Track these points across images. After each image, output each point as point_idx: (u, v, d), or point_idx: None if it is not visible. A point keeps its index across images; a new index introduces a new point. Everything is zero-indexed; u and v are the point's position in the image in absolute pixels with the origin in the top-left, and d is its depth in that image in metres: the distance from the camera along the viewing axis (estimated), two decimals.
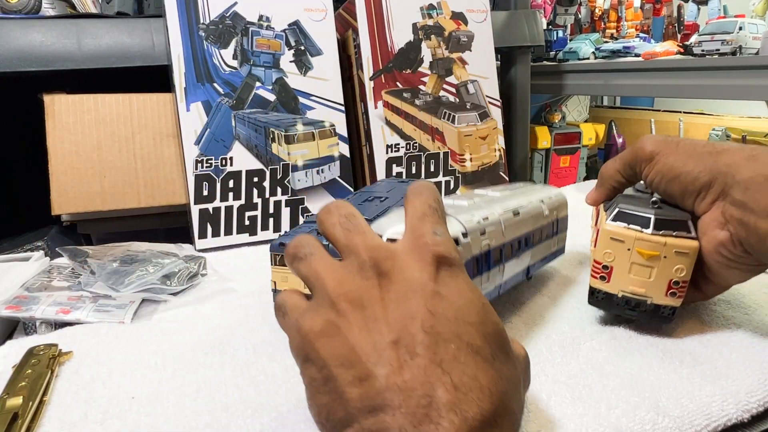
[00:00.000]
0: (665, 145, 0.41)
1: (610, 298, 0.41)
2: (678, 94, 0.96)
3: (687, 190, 0.39)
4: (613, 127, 1.47)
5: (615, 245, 0.40)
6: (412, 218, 0.29)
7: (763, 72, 0.79)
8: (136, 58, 0.72)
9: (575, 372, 0.37)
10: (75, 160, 0.68)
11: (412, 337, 0.24)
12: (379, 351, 0.23)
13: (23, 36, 0.67)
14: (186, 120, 0.70)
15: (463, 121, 0.84)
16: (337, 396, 0.23)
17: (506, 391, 0.24)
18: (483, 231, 0.36)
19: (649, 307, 0.40)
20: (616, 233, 0.39)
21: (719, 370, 0.36)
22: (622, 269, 0.40)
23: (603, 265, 0.40)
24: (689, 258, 0.38)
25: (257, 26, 0.74)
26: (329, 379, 0.24)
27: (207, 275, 0.57)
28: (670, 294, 0.39)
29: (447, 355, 0.23)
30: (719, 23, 0.89)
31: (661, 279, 0.39)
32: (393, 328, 0.24)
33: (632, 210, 0.40)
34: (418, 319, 0.24)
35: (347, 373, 0.23)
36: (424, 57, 0.83)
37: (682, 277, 0.38)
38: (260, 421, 0.33)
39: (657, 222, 0.38)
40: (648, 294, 0.39)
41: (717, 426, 0.32)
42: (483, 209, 0.38)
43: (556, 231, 0.51)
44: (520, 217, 0.42)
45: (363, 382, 0.23)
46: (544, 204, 0.47)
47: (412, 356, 0.23)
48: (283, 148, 0.74)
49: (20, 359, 0.39)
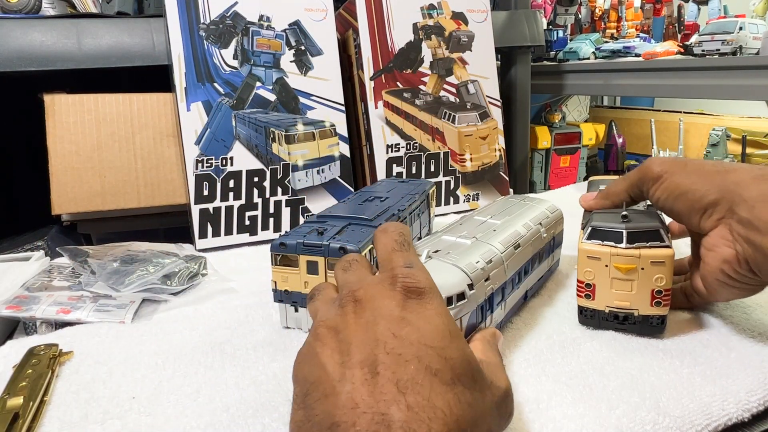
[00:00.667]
0: (673, 164, 0.41)
1: (598, 315, 0.42)
2: (678, 94, 0.96)
3: (693, 207, 0.39)
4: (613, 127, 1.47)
5: (593, 263, 0.40)
6: (382, 254, 0.32)
7: (763, 72, 0.79)
8: (136, 57, 0.72)
9: (576, 372, 0.37)
10: (75, 160, 0.68)
11: (375, 357, 0.25)
12: (345, 370, 0.25)
13: (23, 36, 0.67)
14: (186, 120, 0.70)
15: (464, 121, 0.84)
16: (308, 412, 0.24)
17: (464, 416, 0.24)
18: (487, 277, 0.37)
19: (638, 319, 0.40)
20: (592, 252, 0.40)
21: (719, 369, 0.36)
22: (604, 285, 0.41)
23: (586, 284, 0.41)
24: (666, 266, 0.39)
25: (257, 26, 0.74)
26: (305, 396, 0.25)
27: (207, 275, 0.57)
28: (655, 304, 0.40)
29: (405, 375, 0.24)
30: (719, 23, 0.88)
31: (643, 290, 0.39)
32: (361, 350, 0.25)
33: (605, 226, 0.40)
34: (382, 341, 0.25)
35: (317, 390, 0.25)
36: (425, 57, 0.83)
37: (664, 286, 0.39)
38: (261, 421, 0.33)
39: (629, 235, 0.39)
40: (633, 306, 0.40)
41: (717, 425, 0.32)
42: (484, 247, 0.39)
43: (551, 249, 0.51)
44: (521, 249, 0.43)
45: (328, 398, 0.24)
46: (542, 226, 0.47)
47: (373, 375, 0.24)
48: (283, 148, 0.74)
49: (21, 359, 0.39)
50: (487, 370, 0.28)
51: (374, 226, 0.46)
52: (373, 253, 0.44)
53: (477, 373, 0.26)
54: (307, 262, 0.42)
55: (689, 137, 1.43)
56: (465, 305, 0.34)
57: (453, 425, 0.23)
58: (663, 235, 0.39)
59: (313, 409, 0.24)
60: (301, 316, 0.44)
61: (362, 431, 0.22)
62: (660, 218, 0.42)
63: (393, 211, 0.50)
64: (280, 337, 0.44)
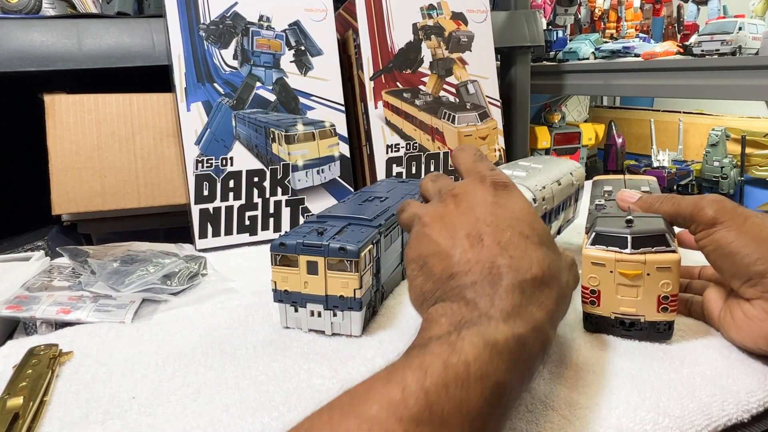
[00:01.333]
0: (731, 215, 0.38)
1: (604, 321, 0.41)
2: (678, 94, 0.96)
3: (739, 271, 0.37)
4: (613, 127, 1.47)
5: (597, 269, 0.39)
6: (466, 165, 0.38)
7: (762, 72, 0.79)
8: (136, 58, 0.72)
9: (575, 372, 0.37)
10: (75, 160, 0.68)
11: (478, 230, 0.32)
12: (455, 241, 0.32)
13: (23, 36, 0.67)
14: (186, 120, 0.70)
15: (463, 121, 0.84)
16: (427, 274, 0.32)
17: (553, 264, 0.32)
18: (543, 197, 0.47)
19: (644, 326, 0.40)
20: (596, 257, 0.39)
21: (719, 370, 0.36)
22: (609, 292, 0.39)
23: (590, 290, 0.40)
24: (672, 272, 0.37)
25: (257, 26, 0.74)
26: (423, 266, 0.33)
27: (207, 275, 0.57)
28: (661, 309, 0.38)
29: (504, 238, 0.31)
30: (719, 23, 0.89)
31: (650, 296, 0.38)
32: (465, 227, 0.33)
33: (609, 231, 0.39)
34: (482, 219, 0.33)
35: (433, 258, 0.32)
36: (424, 57, 0.83)
37: (670, 291, 0.38)
38: (261, 420, 0.33)
39: (634, 241, 0.38)
40: (639, 312, 0.39)
41: (717, 426, 0.32)
42: (536, 178, 0.48)
43: (576, 199, 0.59)
44: (561, 187, 0.52)
45: (444, 260, 0.32)
46: (572, 176, 0.56)
47: (478, 241, 0.31)
48: (283, 148, 0.74)
49: (21, 359, 0.39)
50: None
51: (374, 226, 0.46)
52: (373, 253, 0.44)
53: (552, 242, 0.34)
54: (306, 262, 0.42)
55: (689, 137, 1.43)
56: None
57: (546, 270, 0.31)
58: (669, 239, 0.38)
59: (432, 270, 0.32)
60: (300, 316, 0.44)
61: (477, 275, 0.30)
62: (666, 221, 0.40)
63: (393, 211, 0.50)
64: (280, 337, 0.44)
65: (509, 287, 0.29)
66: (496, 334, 0.26)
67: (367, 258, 0.43)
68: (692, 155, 1.41)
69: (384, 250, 0.47)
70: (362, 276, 0.42)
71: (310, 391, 0.36)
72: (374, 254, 0.45)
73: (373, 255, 0.44)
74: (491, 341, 0.26)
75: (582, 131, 1.30)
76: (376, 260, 0.46)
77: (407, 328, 0.44)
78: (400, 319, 0.46)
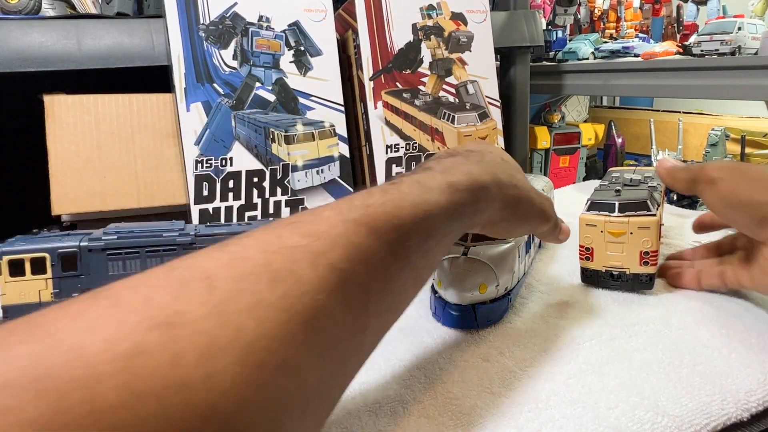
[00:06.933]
0: (731, 171, 0.40)
1: (596, 274, 0.50)
2: (677, 94, 0.96)
3: (753, 218, 0.38)
4: (613, 127, 1.47)
5: (591, 230, 0.48)
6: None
7: (762, 72, 0.79)
8: (136, 58, 0.72)
9: (574, 372, 0.37)
10: (75, 160, 0.68)
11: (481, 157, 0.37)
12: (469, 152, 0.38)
13: (23, 36, 0.67)
14: (186, 120, 0.70)
15: (463, 122, 0.84)
16: (461, 152, 0.39)
17: (519, 173, 0.39)
18: None
19: (629, 277, 0.48)
20: (589, 220, 0.48)
21: (719, 369, 0.36)
22: (600, 248, 0.48)
23: (585, 248, 0.49)
24: (651, 230, 0.46)
25: (257, 26, 0.74)
26: (462, 153, 0.39)
27: None
28: (643, 263, 0.47)
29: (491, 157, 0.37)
30: (718, 23, 0.89)
31: (633, 251, 0.47)
32: (473, 154, 0.37)
33: (600, 199, 0.49)
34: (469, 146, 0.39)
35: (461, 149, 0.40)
36: (424, 57, 0.83)
37: (650, 248, 0.46)
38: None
39: (620, 206, 0.47)
40: (625, 266, 0.48)
41: (716, 425, 0.32)
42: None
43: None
44: None
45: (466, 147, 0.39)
46: (544, 192, 0.58)
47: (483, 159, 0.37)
48: (282, 149, 0.74)
49: None
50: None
51: None
52: None
53: (524, 177, 0.39)
54: None
55: (688, 137, 1.43)
56: None
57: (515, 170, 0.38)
58: (649, 205, 0.46)
59: (463, 149, 0.38)
60: None
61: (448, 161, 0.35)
62: (650, 193, 0.48)
63: None
64: None
65: (462, 161, 0.35)
66: (430, 180, 0.31)
67: None
68: (692, 155, 1.41)
69: None
70: None
71: None
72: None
73: None
74: (424, 182, 0.31)
75: (582, 131, 1.30)
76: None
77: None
78: None
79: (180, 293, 0.19)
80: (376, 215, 0.26)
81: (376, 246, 0.25)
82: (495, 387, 0.35)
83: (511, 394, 0.34)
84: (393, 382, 0.36)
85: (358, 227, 0.25)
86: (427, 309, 0.47)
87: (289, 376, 0.19)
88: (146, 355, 0.16)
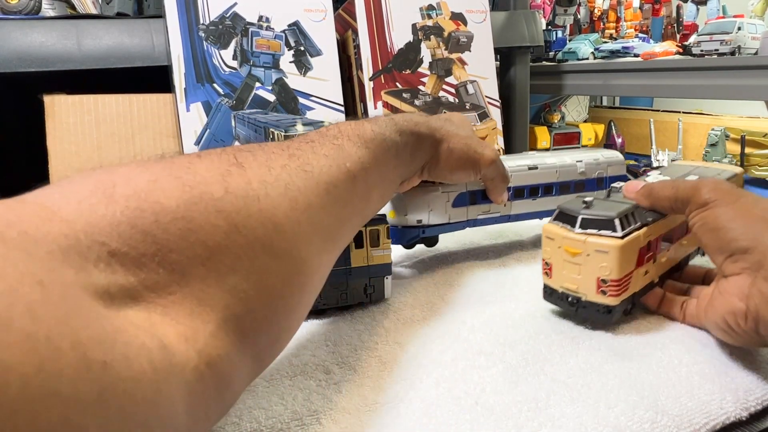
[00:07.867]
0: (724, 195, 0.37)
1: (555, 293, 0.42)
2: (677, 94, 0.96)
3: (722, 247, 0.36)
4: (613, 127, 1.47)
5: (550, 243, 0.41)
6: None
7: (762, 72, 0.79)
8: (136, 58, 0.72)
9: (574, 371, 0.37)
10: (75, 160, 0.68)
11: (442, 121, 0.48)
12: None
13: (23, 37, 0.67)
14: (186, 120, 0.70)
15: None
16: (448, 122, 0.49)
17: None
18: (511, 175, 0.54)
19: (585, 304, 0.40)
20: (549, 231, 0.41)
21: (718, 368, 0.36)
22: (558, 266, 0.41)
23: (546, 262, 0.42)
24: (611, 256, 0.38)
25: (257, 27, 0.74)
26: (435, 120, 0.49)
27: None
28: (600, 292, 0.39)
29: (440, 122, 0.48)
30: (718, 23, 0.89)
31: (589, 276, 0.39)
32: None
33: (568, 210, 0.41)
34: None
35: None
36: (424, 57, 0.83)
37: (609, 276, 0.38)
38: (258, 419, 0.33)
39: (583, 221, 0.39)
40: (581, 291, 0.40)
41: (716, 424, 0.32)
42: (515, 162, 0.55)
43: (600, 187, 0.58)
44: (538, 171, 0.55)
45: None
46: (581, 163, 0.56)
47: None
48: None
49: None
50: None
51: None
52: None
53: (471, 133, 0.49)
54: None
55: (688, 137, 1.43)
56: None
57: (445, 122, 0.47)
58: (617, 224, 0.38)
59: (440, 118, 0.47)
60: None
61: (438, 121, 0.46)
62: (628, 210, 0.40)
63: None
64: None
65: (417, 115, 0.44)
66: (387, 122, 0.40)
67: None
68: (692, 155, 1.41)
69: None
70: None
71: None
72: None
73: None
74: (380, 123, 0.40)
75: (581, 131, 1.30)
76: None
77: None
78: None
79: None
80: (365, 135, 0.37)
81: (363, 151, 0.36)
82: (495, 387, 0.35)
83: (511, 394, 0.34)
84: (393, 381, 0.36)
85: (352, 141, 0.36)
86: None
87: (318, 218, 0.30)
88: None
